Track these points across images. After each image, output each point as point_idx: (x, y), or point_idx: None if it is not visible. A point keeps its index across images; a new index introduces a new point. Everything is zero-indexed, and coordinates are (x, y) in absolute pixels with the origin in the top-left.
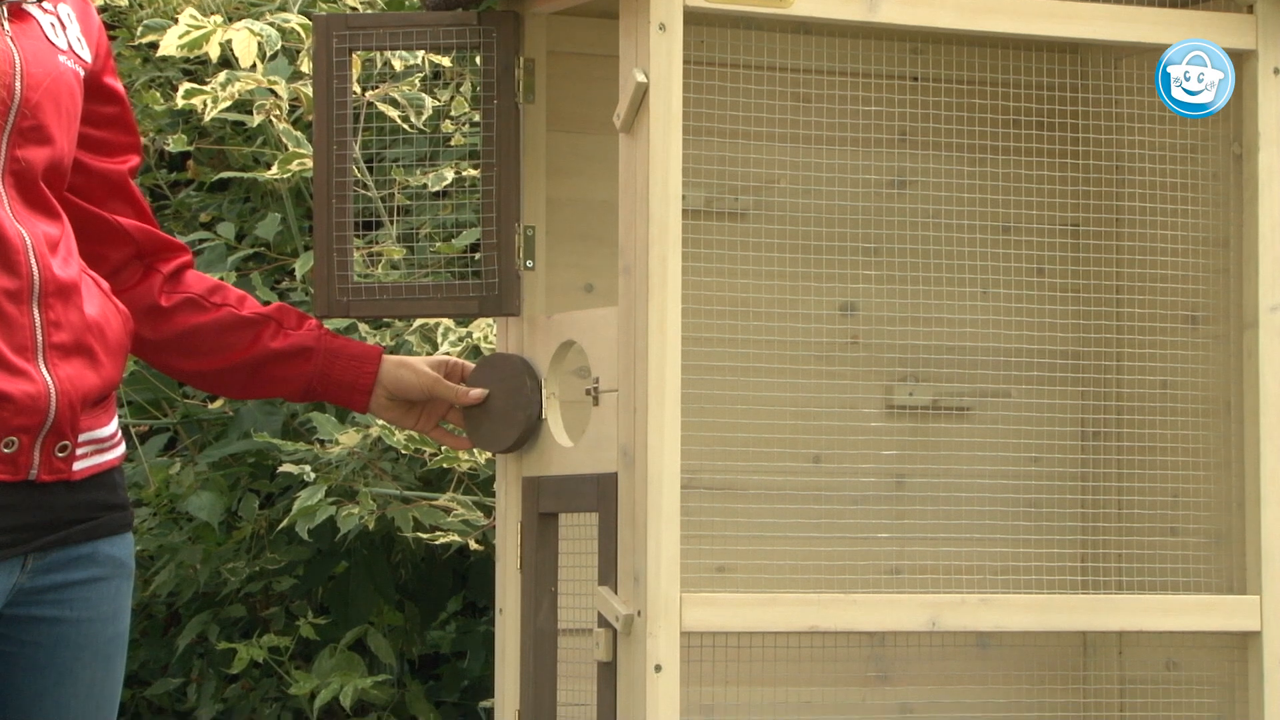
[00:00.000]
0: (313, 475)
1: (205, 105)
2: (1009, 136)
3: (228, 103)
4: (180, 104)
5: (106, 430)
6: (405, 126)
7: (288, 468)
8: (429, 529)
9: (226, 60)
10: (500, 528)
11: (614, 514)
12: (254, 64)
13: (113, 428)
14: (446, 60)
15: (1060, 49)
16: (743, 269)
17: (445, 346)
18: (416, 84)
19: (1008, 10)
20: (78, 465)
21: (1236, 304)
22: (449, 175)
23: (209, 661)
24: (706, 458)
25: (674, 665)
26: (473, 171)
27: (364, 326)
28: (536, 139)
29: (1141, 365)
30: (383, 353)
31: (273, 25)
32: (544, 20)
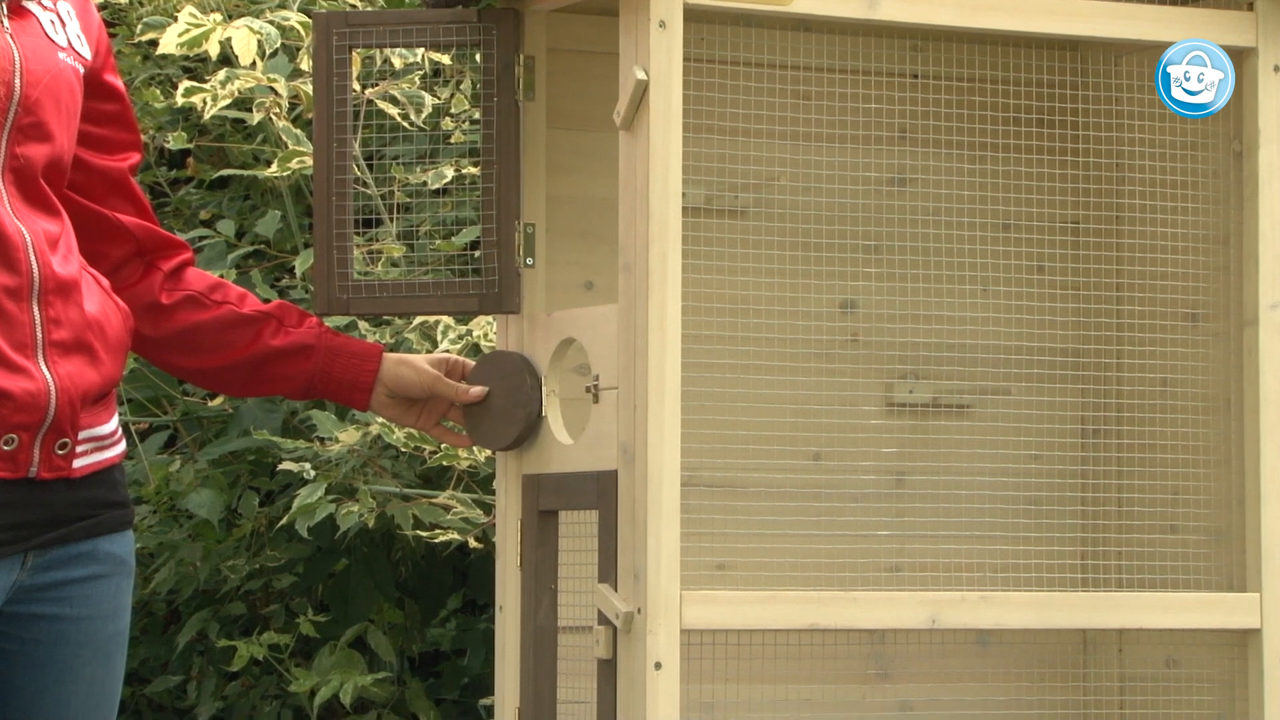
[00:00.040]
0: (313, 473)
1: (205, 103)
2: (1009, 134)
3: (227, 101)
4: (180, 102)
5: (107, 428)
6: (405, 124)
7: (287, 465)
8: (429, 527)
9: (226, 58)
10: (500, 525)
11: (614, 511)
12: (253, 62)
13: (113, 425)
14: (446, 58)
15: (1060, 46)
16: (743, 266)
17: (445, 344)
18: (416, 81)
19: (1007, 7)
20: (78, 463)
21: (1236, 301)
22: (449, 173)
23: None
24: (706, 455)
25: (674, 663)
26: (473, 169)
27: (364, 324)
28: (536, 136)
29: (1141, 363)
30: (383, 350)
31: (272, 23)
32: (544, 17)
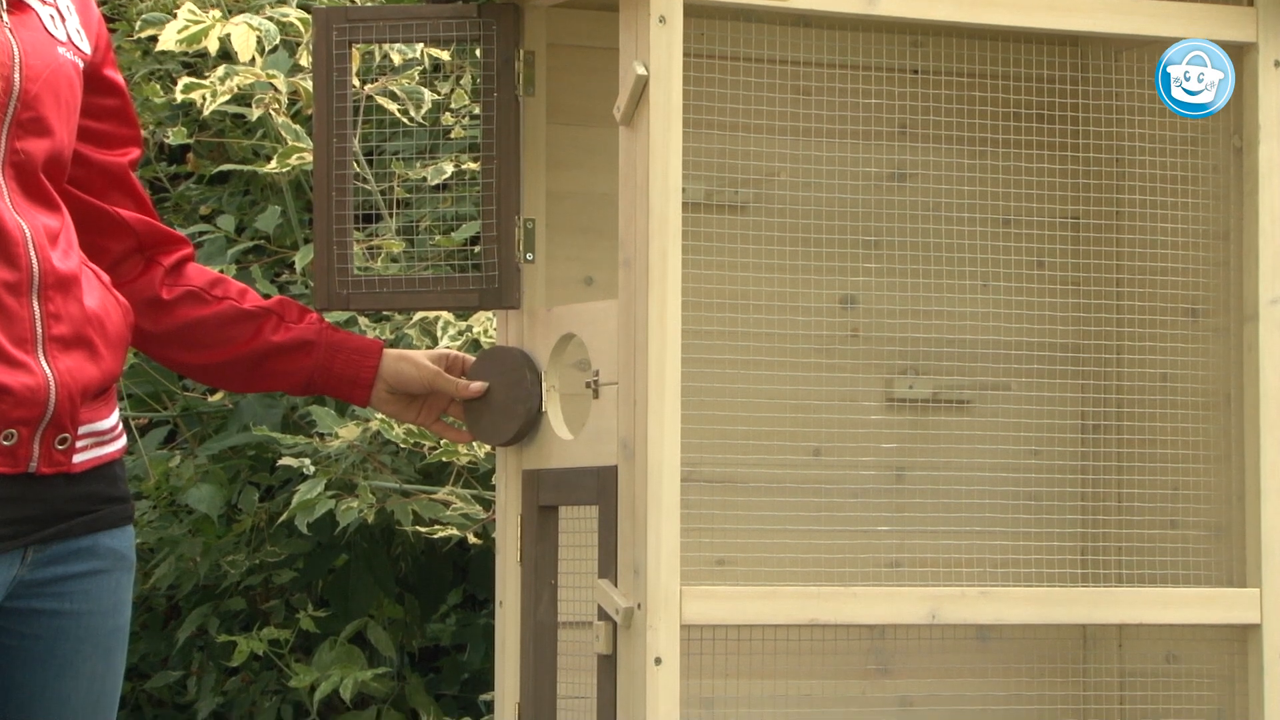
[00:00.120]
0: (312, 468)
1: (204, 99)
2: (1009, 129)
3: (226, 97)
4: (179, 97)
5: (107, 423)
6: (405, 120)
7: (287, 461)
8: (428, 522)
9: (226, 53)
10: (500, 521)
11: (614, 507)
12: (252, 58)
13: (113, 420)
14: (445, 54)
15: (1060, 41)
16: (743, 262)
17: (445, 340)
18: (415, 77)
19: (1007, 3)
20: (77, 458)
21: (1237, 297)
22: (449, 168)
23: (209, 654)
24: (706, 450)
25: (674, 658)
26: (472, 165)
27: (364, 320)
28: (536, 132)
29: (1141, 358)
30: (383, 346)
31: (271, 19)
32: (544, 13)
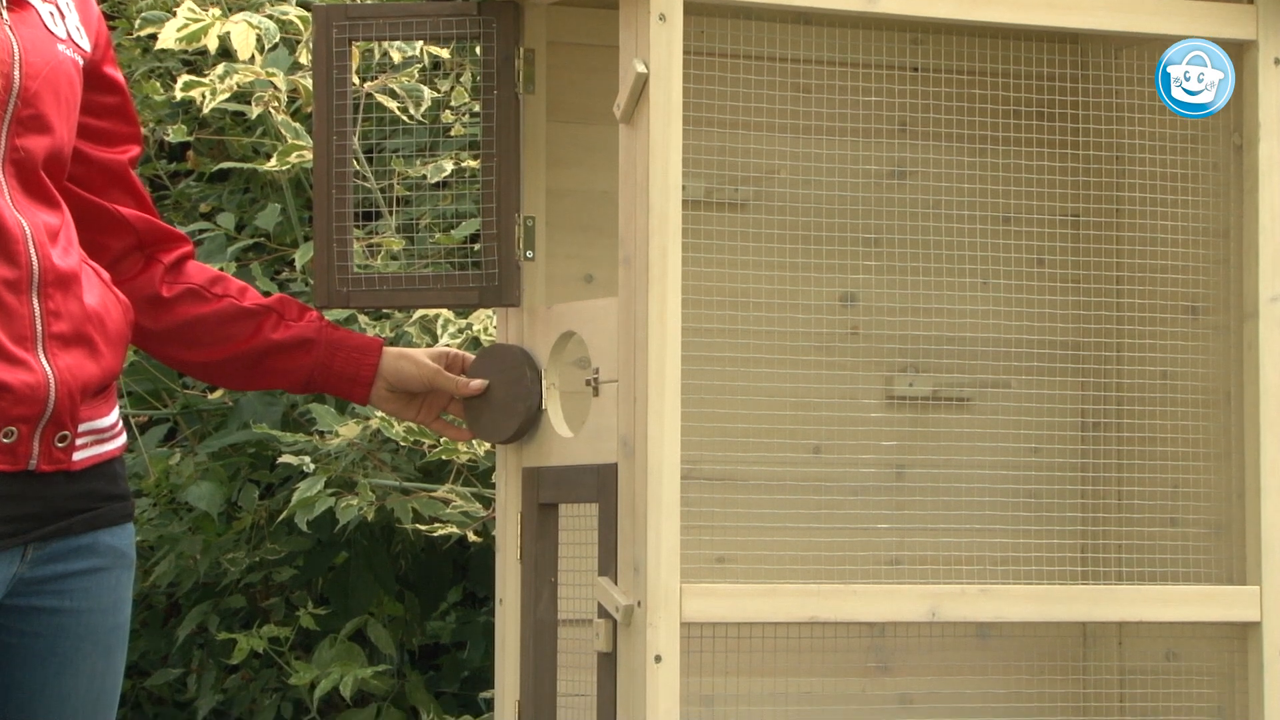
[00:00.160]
0: (312, 466)
1: (203, 97)
2: (1009, 127)
3: (226, 95)
4: (179, 95)
5: (107, 420)
6: (404, 118)
7: (287, 459)
8: (428, 520)
9: (226, 51)
10: (500, 518)
11: (614, 504)
12: (252, 56)
13: (113, 418)
14: (445, 52)
15: (1060, 39)
16: (742, 260)
17: (445, 338)
18: (415, 75)
19: (1007, 1)
20: (77, 455)
21: (1236, 294)
22: (449, 166)
23: (209, 652)
24: (706, 448)
25: (674, 656)
26: (472, 162)
27: (363, 317)
28: (536, 129)
29: (1141, 356)
30: (383, 344)
31: (271, 17)
32: (544, 10)
